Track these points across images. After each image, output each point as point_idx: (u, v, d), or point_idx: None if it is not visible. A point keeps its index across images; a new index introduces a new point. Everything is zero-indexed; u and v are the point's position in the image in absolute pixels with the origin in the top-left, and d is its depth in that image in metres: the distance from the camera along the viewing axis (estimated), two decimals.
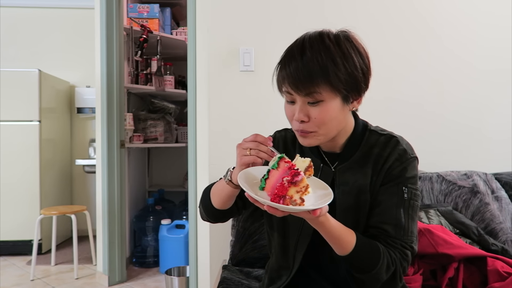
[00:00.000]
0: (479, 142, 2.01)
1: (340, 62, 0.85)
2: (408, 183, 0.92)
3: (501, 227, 1.67)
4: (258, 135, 0.86)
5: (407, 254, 0.89)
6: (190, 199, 2.08)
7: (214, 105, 1.91)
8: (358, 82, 0.88)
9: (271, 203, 0.72)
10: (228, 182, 0.91)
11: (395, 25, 1.97)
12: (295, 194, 0.73)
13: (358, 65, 0.87)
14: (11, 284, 2.70)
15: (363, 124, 1.00)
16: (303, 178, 0.73)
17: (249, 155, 0.84)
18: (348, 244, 0.85)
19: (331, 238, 0.84)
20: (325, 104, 0.86)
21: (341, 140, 0.97)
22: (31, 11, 3.94)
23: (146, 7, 3.16)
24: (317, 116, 0.87)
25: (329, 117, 0.87)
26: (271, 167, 0.77)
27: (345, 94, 0.88)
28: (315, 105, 0.87)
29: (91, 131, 4.00)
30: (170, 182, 3.86)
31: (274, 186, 0.75)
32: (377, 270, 0.85)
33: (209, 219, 1.06)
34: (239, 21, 1.91)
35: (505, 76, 2.02)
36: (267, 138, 0.86)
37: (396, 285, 0.89)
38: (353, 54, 0.87)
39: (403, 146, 0.94)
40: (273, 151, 0.84)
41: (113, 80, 2.64)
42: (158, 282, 2.74)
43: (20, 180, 3.30)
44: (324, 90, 0.85)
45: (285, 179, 0.73)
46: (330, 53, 0.85)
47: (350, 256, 0.85)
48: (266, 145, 0.85)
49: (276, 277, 1.06)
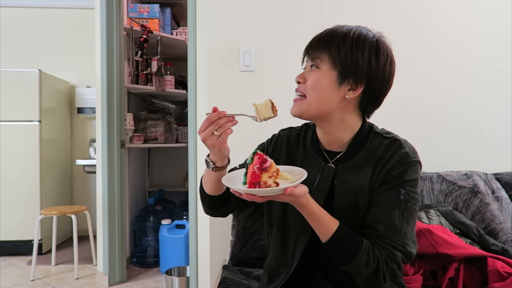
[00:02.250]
0: (480, 142, 2.01)
1: (350, 40, 0.92)
2: (406, 185, 0.91)
3: (502, 227, 1.67)
4: (211, 115, 0.88)
5: (396, 254, 0.88)
6: (190, 199, 2.08)
7: (214, 105, 1.90)
8: (359, 68, 0.92)
9: (247, 190, 0.80)
10: (215, 169, 0.94)
11: (396, 25, 1.97)
12: (268, 179, 0.81)
13: (366, 54, 0.92)
14: (12, 284, 2.71)
15: (369, 126, 1.01)
16: (271, 163, 0.83)
17: (219, 134, 0.88)
18: (329, 229, 0.87)
19: (313, 221, 0.88)
20: (320, 71, 0.94)
21: (343, 136, 0.98)
22: (31, 11, 3.95)
23: (146, 7, 3.16)
24: (310, 80, 0.94)
25: (319, 85, 0.93)
26: (248, 163, 0.85)
27: (341, 72, 0.92)
28: (313, 69, 0.95)
29: (91, 131, 4.01)
30: (170, 182, 3.87)
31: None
32: (355, 262, 0.86)
33: (206, 209, 1.08)
34: (239, 21, 1.91)
35: (505, 76, 2.02)
36: (218, 112, 0.88)
37: (379, 284, 0.88)
38: (368, 44, 0.93)
39: (406, 149, 0.94)
40: (230, 115, 0.88)
41: (114, 80, 2.64)
42: (158, 282, 2.74)
43: (20, 180, 3.30)
44: (324, 58, 0.93)
45: (255, 167, 0.83)
46: (345, 35, 0.93)
47: (329, 242, 0.88)
48: (221, 117, 0.88)
49: (275, 275, 1.06)
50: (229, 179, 0.88)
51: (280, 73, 1.90)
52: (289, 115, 0.99)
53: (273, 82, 1.90)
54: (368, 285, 0.89)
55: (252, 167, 0.83)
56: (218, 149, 0.90)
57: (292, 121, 1.05)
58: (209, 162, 0.95)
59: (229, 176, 0.90)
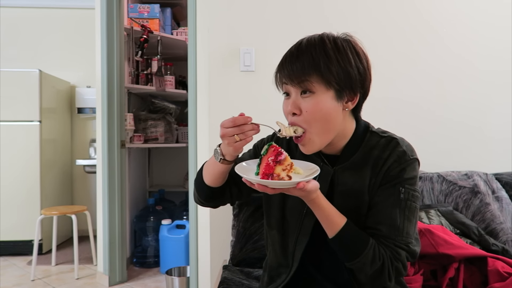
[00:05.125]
0: (480, 142, 2.01)
1: (333, 56, 0.88)
2: (405, 183, 0.91)
3: (502, 227, 1.67)
4: (236, 118, 0.85)
5: (400, 253, 0.88)
6: (191, 199, 2.08)
7: (214, 105, 1.91)
8: (352, 79, 0.90)
9: (260, 180, 0.79)
10: (223, 161, 0.92)
11: (396, 25, 1.97)
12: (282, 172, 0.81)
13: (353, 63, 0.90)
14: (12, 284, 2.71)
15: (365, 126, 1.00)
16: (286, 156, 0.82)
17: (239, 140, 0.85)
18: (336, 225, 0.88)
19: (322, 216, 0.88)
20: (316, 96, 0.89)
21: (342, 143, 0.97)
22: (31, 11, 3.95)
23: (147, 7, 3.16)
24: (308, 109, 0.89)
25: (320, 111, 0.89)
26: (262, 154, 0.85)
27: (338, 89, 0.89)
28: (307, 96, 0.90)
29: (91, 131, 4.01)
30: (171, 182, 3.87)
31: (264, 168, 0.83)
32: (361, 259, 0.86)
33: (200, 199, 1.06)
34: (240, 21, 1.91)
35: (505, 77, 2.02)
36: (245, 117, 0.85)
37: (384, 282, 0.88)
38: (349, 52, 0.90)
39: (403, 147, 0.94)
40: (256, 124, 0.87)
41: (114, 80, 2.64)
42: (158, 282, 2.74)
43: (20, 180, 3.30)
44: (315, 81, 0.88)
45: (269, 158, 0.82)
46: (325, 47, 0.89)
47: (336, 237, 0.88)
48: (247, 123, 0.85)
49: (275, 275, 1.06)
50: (242, 169, 0.87)
51: None
52: None
53: (273, 82, 1.89)
54: (373, 283, 0.89)
55: (267, 158, 0.83)
56: (233, 150, 0.89)
57: None
58: (219, 153, 0.92)
59: (242, 166, 0.89)
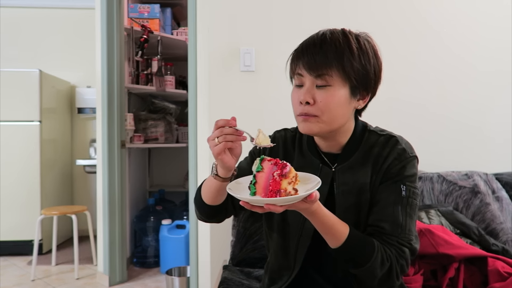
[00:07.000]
0: (480, 142, 2.01)
1: (356, 52, 0.88)
2: (406, 181, 0.92)
3: (502, 227, 1.67)
4: (219, 120, 0.82)
5: (404, 251, 0.88)
6: (191, 199, 2.08)
7: (214, 106, 1.91)
8: (369, 78, 0.91)
9: (269, 200, 0.72)
10: (215, 176, 0.89)
11: (397, 26, 1.97)
12: (288, 186, 0.74)
13: (372, 62, 0.91)
14: (12, 284, 2.71)
15: (362, 125, 1.01)
16: (291, 168, 0.75)
17: (218, 143, 0.82)
18: (341, 234, 0.85)
19: (324, 227, 0.84)
20: (332, 89, 0.88)
21: (342, 140, 0.97)
22: (31, 12, 3.94)
23: (147, 7, 3.16)
24: (322, 100, 0.88)
25: (335, 103, 0.88)
26: (256, 170, 0.77)
27: (354, 85, 0.89)
28: (322, 88, 0.88)
29: (91, 131, 4.01)
30: (171, 182, 3.87)
31: (266, 185, 0.76)
32: (371, 264, 0.85)
33: (202, 216, 1.04)
34: (240, 21, 1.91)
35: (505, 77, 2.02)
36: (228, 120, 0.83)
37: (393, 282, 0.88)
38: (369, 51, 0.91)
39: (402, 145, 0.95)
40: (238, 130, 0.82)
41: (114, 80, 2.64)
42: (158, 282, 2.74)
43: (20, 180, 3.30)
44: (335, 74, 0.87)
45: (275, 173, 0.74)
46: (348, 42, 0.89)
47: (342, 248, 0.85)
48: (229, 126, 0.82)
49: (277, 277, 1.06)
50: (235, 187, 0.82)
51: (280, 73, 1.88)
52: (286, 115, 0.97)
53: (273, 82, 1.90)
54: (382, 285, 0.88)
55: (271, 173, 0.75)
56: (216, 156, 0.83)
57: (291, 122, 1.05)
58: (214, 167, 0.90)
59: (234, 185, 0.83)
